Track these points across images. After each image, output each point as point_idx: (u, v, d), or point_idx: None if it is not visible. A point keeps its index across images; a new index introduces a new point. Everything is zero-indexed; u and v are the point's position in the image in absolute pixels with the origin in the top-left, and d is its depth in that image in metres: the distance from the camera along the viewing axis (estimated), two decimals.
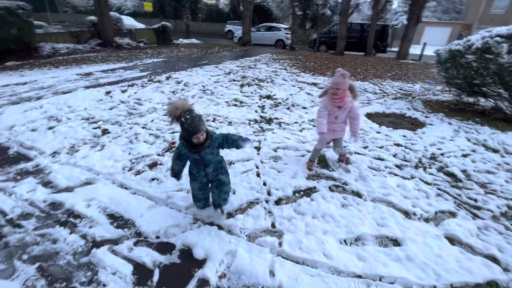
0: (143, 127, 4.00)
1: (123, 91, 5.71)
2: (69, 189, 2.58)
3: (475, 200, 2.72)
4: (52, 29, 15.33)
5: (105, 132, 3.81)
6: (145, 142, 3.56)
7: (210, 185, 2.21)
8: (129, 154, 3.25)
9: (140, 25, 17.73)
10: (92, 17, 13.28)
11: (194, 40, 18.49)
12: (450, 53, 5.52)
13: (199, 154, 1.94)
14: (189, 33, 20.41)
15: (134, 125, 4.03)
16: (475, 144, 4.06)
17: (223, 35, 26.80)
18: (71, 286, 1.66)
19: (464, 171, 3.26)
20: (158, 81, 6.74)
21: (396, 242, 2.14)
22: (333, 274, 1.83)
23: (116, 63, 9.17)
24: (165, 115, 1.87)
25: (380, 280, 1.80)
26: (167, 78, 7.12)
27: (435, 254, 2.01)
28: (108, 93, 5.52)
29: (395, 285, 1.76)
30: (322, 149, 3.17)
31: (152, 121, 4.25)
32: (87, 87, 5.91)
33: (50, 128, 3.83)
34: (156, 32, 15.65)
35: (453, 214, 2.50)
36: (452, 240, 2.20)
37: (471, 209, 2.60)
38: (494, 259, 2.03)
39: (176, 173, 2.11)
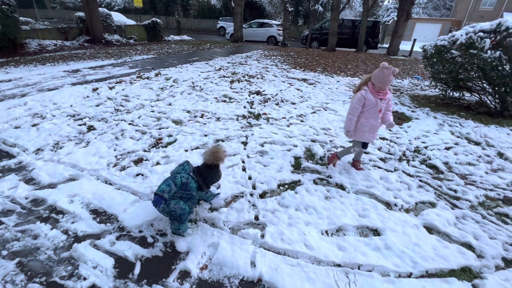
0: (130, 124, 3.97)
1: (111, 88, 5.64)
2: (52, 186, 2.56)
3: (455, 191, 2.79)
4: (39, 25, 14.99)
5: (90, 128, 3.77)
6: (131, 138, 3.54)
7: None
8: (115, 150, 3.22)
9: (130, 22, 17.48)
10: (81, 13, 13.04)
11: (185, 37, 18.34)
12: (435, 48, 5.60)
13: (197, 193, 2.12)
14: (180, 29, 20.20)
15: (120, 122, 4.00)
16: (458, 137, 4.15)
17: (215, 32, 26.62)
18: (51, 281, 1.66)
19: (446, 163, 3.34)
20: (147, 78, 6.68)
21: (376, 232, 2.19)
22: (313, 263, 1.87)
23: (105, 59, 9.04)
24: (205, 155, 2.04)
25: (359, 269, 1.85)
26: (156, 75, 7.06)
27: (413, 243, 2.07)
28: (95, 90, 5.45)
29: (373, 273, 1.81)
30: (356, 151, 3.00)
31: (139, 117, 4.22)
32: (74, 84, 5.82)
33: (34, 125, 3.77)
34: (147, 28, 15.45)
35: (433, 205, 2.56)
36: (431, 229, 2.26)
37: (451, 199, 2.67)
38: (469, 247, 2.09)
39: (165, 197, 1.83)
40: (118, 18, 16.85)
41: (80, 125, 3.85)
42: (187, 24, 30.42)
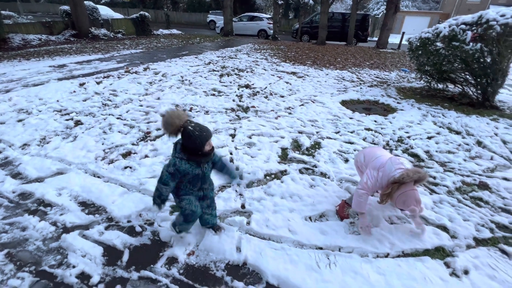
0: (118, 118, 3.97)
1: (98, 83, 5.58)
2: (39, 180, 2.57)
3: (434, 178, 2.92)
4: (23, 19, 14.56)
5: (78, 123, 3.75)
6: (119, 132, 3.55)
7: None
8: (102, 144, 3.24)
9: (118, 15, 17.15)
10: (66, 7, 12.73)
11: (174, 31, 18.09)
12: (420, 41, 5.72)
13: (201, 169, 1.71)
14: (169, 23, 19.90)
15: (108, 116, 3.99)
16: (440, 127, 4.29)
17: (205, 26, 26.30)
18: (40, 269, 1.70)
19: (427, 152, 3.47)
20: (135, 72, 6.62)
21: (358, 217, 2.28)
22: (296, 247, 1.95)
23: (92, 54, 8.89)
24: (163, 129, 1.62)
25: (339, 251, 1.95)
26: (145, 69, 7.00)
27: (392, 226, 2.18)
28: (82, 84, 5.39)
29: (352, 254, 1.91)
30: None
31: (127, 111, 4.21)
32: (60, 79, 5.74)
33: (19, 120, 3.73)
34: (135, 22, 15.18)
35: None
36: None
37: (429, 185, 2.79)
38: (444, 228, 2.21)
39: (163, 199, 1.69)
40: (105, 11, 16.50)
41: (67, 120, 3.83)
42: (176, 18, 29.93)
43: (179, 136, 1.64)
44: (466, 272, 1.82)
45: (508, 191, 2.72)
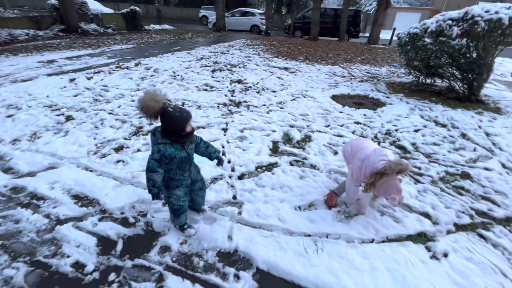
0: (109, 113, 3.97)
1: (89, 78, 5.54)
2: (31, 174, 2.58)
3: (419, 168, 3.03)
4: (9, 13, 14.18)
5: (69, 118, 3.74)
6: (111, 127, 3.55)
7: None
8: (94, 139, 3.24)
9: (108, 10, 16.80)
10: (54, 1, 12.43)
11: (166, 26, 17.88)
12: (409, 36, 5.83)
13: (186, 150, 1.70)
14: (160, 18, 19.67)
15: (100, 111, 3.98)
16: (427, 120, 4.42)
17: (197, 21, 26.03)
18: (35, 260, 1.73)
19: (413, 144, 3.58)
20: (127, 68, 6.57)
21: (346, 206, 2.37)
22: (285, 235, 2.03)
23: (82, 49, 8.76)
24: (141, 112, 1.55)
25: (327, 237, 2.03)
26: (136, 65, 6.95)
27: (378, 214, 2.27)
28: (72, 80, 5.34)
29: (339, 241, 1.99)
30: None
31: (119, 107, 4.21)
32: (49, 75, 5.66)
33: (9, 116, 3.70)
34: (125, 17, 14.95)
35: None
36: None
37: (414, 175, 2.90)
38: (427, 215, 2.32)
39: (159, 187, 1.68)
40: (95, 6, 16.15)
41: (58, 115, 3.81)
42: (168, 13, 29.53)
43: (159, 123, 1.61)
44: (445, 255, 1.92)
45: (489, 180, 2.85)
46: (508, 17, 4.56)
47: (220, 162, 2.00)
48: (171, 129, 1.59)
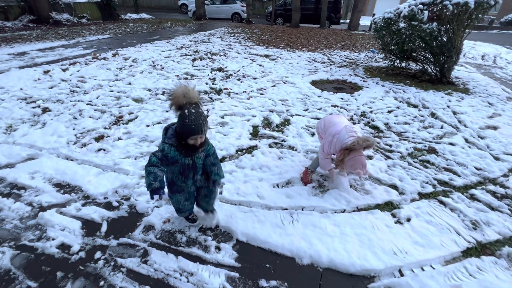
0: (88, 104, 3.92)
1: (64, 70, 5.38)
2: (10, 166, 2.57)
3: (390, 146, 3.23)
4: None
5: (45, 110, 3.68)
6: (90, 117, 3.53)
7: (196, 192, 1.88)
8: (73, 129, 3.23)
9: None
10: None
11: (144, 15, 17.30)
12: (384, 21, 6.00)
13: (191, 158, 1.61)
14: (138, 7, 18.95)
15: (78, 102, 3.93)
16: (400, 102, 4.64)
17: (176, 9, 25.23)
18: (20, 244, 1.78)
19: (386, 124, 3.78)
20: (104, 58, 6.41)
21: (320, 182, 2.53)
22: (263, 209, 2.16)
23: (55, 41, 8.41)
24: (168, 99, 1.48)
25: (302, 210, 2.18)
26: (114, 55, 6.78)
27: (350, 188, 2.44)
28: (46, 72, 5.18)
29: (313, 212, 2.15)
30: None
31: (97, 97, 4.16)
32: (21, 67, 5.45)
33: None
34: (100, 6, 14.33)
35: (370, 158, 2.97)
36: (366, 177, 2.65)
37: (385, 152, 3.10)
38: (394, 187, 2.52)
39: (160, 181, 1.54)
40: None
41: (33, 107, 3.73)
42: (145, 1, 28.40)
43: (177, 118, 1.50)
44: (408, 220, 2.12)
45: (452, 154, 3.09)
46: (474, 1, 4.79)
47: (214, 185, 1.81)
48: (177, 129, 1.52)
